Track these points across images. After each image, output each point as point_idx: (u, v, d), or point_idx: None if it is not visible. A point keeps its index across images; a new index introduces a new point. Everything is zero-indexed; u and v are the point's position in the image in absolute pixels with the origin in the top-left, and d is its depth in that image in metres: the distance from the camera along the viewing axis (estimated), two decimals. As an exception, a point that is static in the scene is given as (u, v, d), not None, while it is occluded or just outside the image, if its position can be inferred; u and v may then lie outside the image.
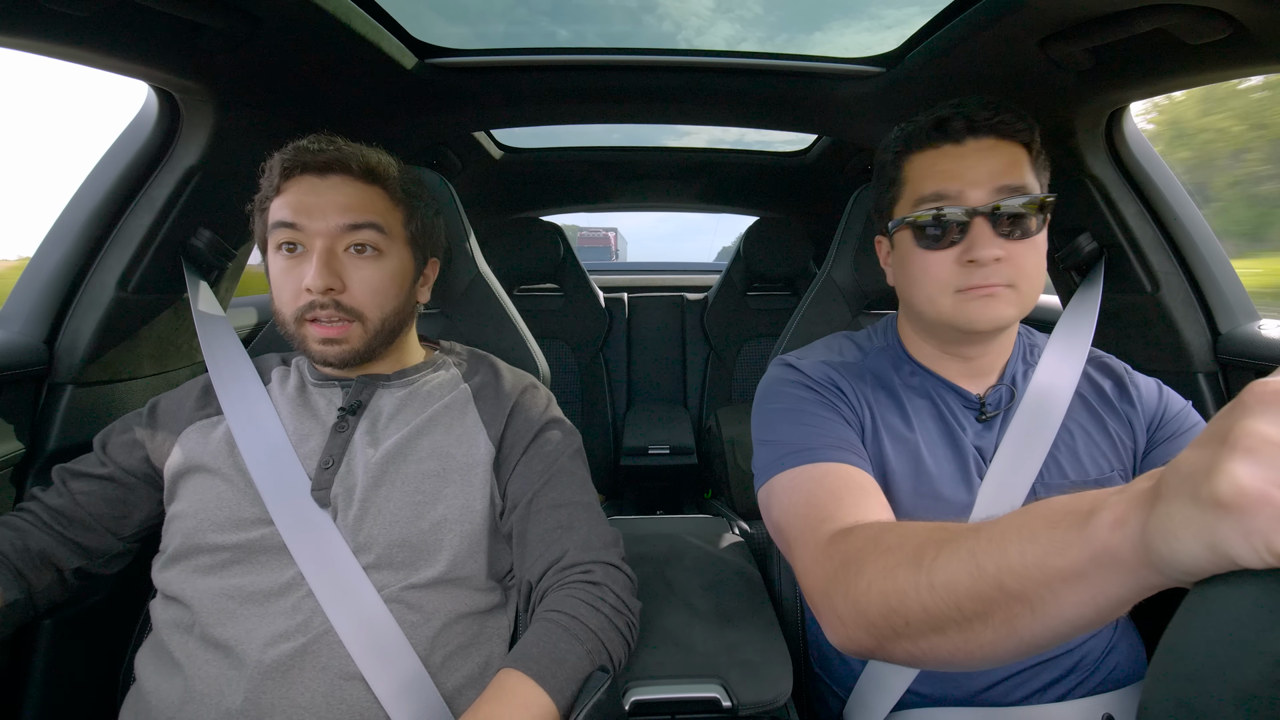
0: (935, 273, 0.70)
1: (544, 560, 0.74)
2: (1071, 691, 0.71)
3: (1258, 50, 0.72)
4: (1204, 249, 1.01)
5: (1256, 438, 0.27)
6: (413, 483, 0.75)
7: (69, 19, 0.67)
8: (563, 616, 0.67)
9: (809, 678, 0.91)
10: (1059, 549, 0.35)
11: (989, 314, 0.68)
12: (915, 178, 0.72)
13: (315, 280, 0.72)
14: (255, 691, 0.63)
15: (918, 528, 0.49)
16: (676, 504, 2.17)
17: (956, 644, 0.42)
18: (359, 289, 0.76)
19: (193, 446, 0.77)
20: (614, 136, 1.98)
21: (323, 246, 0.74)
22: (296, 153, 0.76)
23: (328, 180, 0.76)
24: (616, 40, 1.19)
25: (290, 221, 0.74)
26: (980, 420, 0.76)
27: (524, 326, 1.06)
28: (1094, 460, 0.75)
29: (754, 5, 1.44)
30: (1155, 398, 0.78)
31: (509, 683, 0.62)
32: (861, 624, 0.49)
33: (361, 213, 0.76)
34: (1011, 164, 0.68)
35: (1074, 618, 0.36)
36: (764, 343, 2.19)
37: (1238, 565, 0.27)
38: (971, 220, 0.67)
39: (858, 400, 0.76)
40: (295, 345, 0.78)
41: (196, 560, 0.71)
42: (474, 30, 1.26)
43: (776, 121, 1.44)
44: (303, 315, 0.75)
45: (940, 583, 0.42)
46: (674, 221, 14.98)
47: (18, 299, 0.90)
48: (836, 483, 0.64)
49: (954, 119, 0.69)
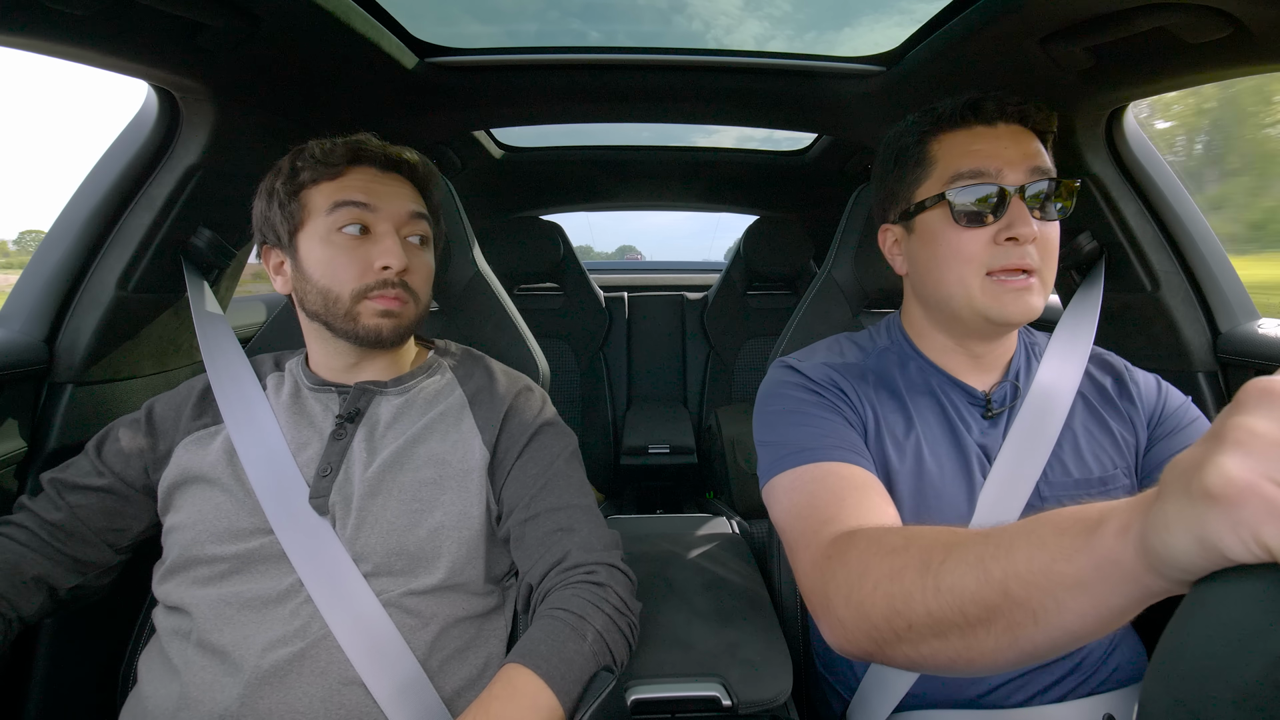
0: (970, 250, 0.69)
1: (545, 562, 0.74)
2: (1072, 692, 0.71)
3: (1258, 50, 0.72)
4: (1204, 248, 1.01)
5: (1246, 431, 0.27)
6: (409, 491, 0.75)
7: (69, 18, 0.67)
8: (569, 615, 0.67)
9: (812, 678, 0.91)
10: (1065, 555, 0.35)
11: (1023, 306, 0.68)
12: (948, 156, 0.71)
13: (397, 259, 0.75)
14: (252, 696, 0.63)
15: (924, 530, 0.49)
16: (676, 503, 2.17)
17: (958, 649, 0.42)
18: (416, 274, 0.80)
19: (190, 458, 0.76)
20: (614, 136, 1.97)
21: (395, 229, 0.77)
22: (360, 143, 0.78)
23: (389, 175, 0.80)
24: (647, 40, 1.20)
25: (364, 202, 0.76)
26: (986, 417, 0.76)
27: (524, 325, 1.06)
28: (1097, 458, 0.75)
29: (783, 3, 1.43)
30: (1154, 394, 0.78)
31: (518, 680, 0.62)
32: (863, 627, 0.49)
33: (420, 204, 0.82)
34: (1039, 150, 0.70)
35: (1075, 628, 0.36)
36: (764, 342, 2.19)
37: (1228, 560, 0.28)
38: (1011, 198, 0.67)
39: (860, 401, 0.75)
40: (338, 322, 0.77)
41: (195, 572, 0.71)
42: (505, 29, 1.26)
43: (776, 120, 1.44)
44: (366, 291, 0.76)
45: (947, 586, 0.42)
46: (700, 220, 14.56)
47: (18, 298, 0.90)
48: (838, 483, 0.64)
49: (986, 100, 0.69)
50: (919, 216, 0.73)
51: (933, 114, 0.73)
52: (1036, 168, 0.68)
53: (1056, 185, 0.69)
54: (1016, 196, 0.67)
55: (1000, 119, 0.69)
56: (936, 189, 0.71)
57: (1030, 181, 0.67)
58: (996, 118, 0.69)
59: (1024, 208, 0.67)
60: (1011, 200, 0.67)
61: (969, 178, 0.68)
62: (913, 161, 0.74)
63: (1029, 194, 0.67)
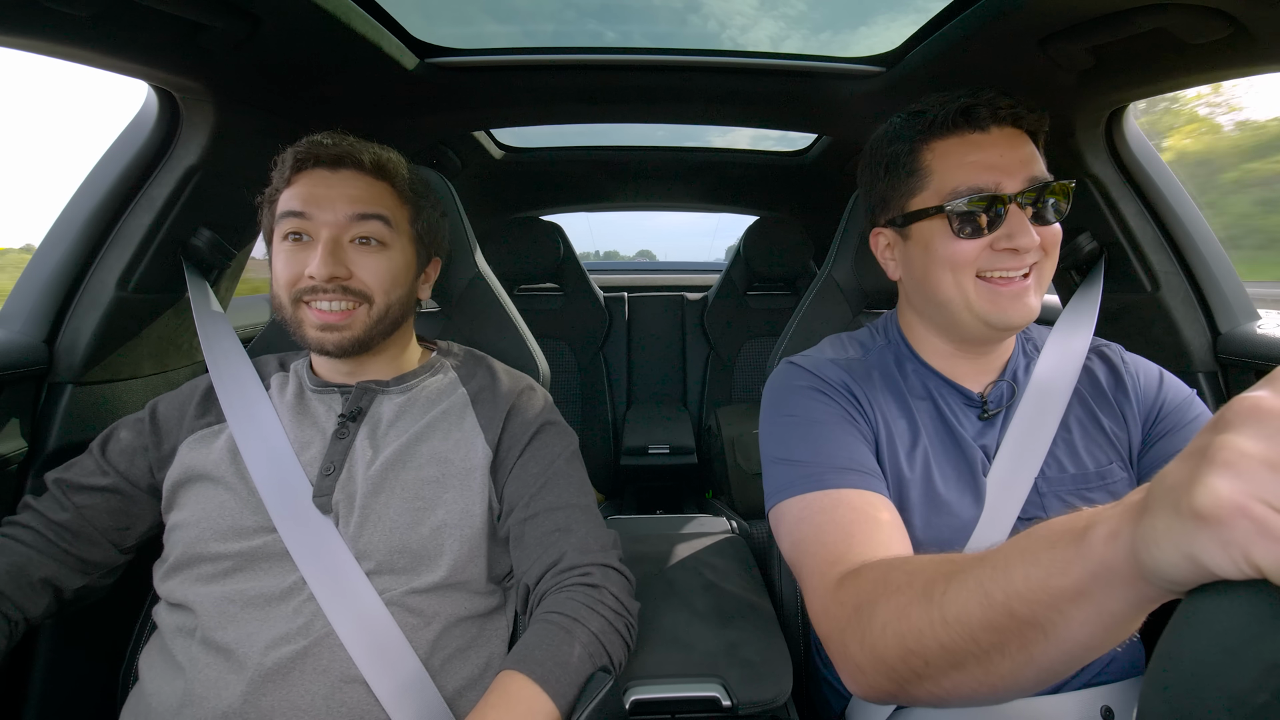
0: (966, 257, 0.69)
1: (541, 563, 0.74)
2: (1069, 684, 0.71)
3: (1258, 50, 0.72)
4: (1204, 249, 1.01)
5: (1235, 451, 0.28)
6: (412, 489, 0.75)
7: (69, 18, 0.67)
8: (563, 619, 0.67)
9: (811, 677, 0.91)
10: (1060, 568, 0.36)
11: (1019, 311, 0.69)
12: (944, 167, 0.70)
13: (319, 268, 0.73)
14: (255, 694, 0.63)
15: (924, 562, 0.49)
16: (676, 504, 2.17)
17: (978, 678, 0.42)
18: (366, 274, 0.77)
19: (195, 456, 0.76)
20: (614, 136, 1.97)
21: (329, 236, 0.75)
22: (309, 146, 0.77)
23: (339, 174, 0.77)
24: (659, 41, 1.19)
25: (299, 211, 0.75)
26: (981, 419, 0.76)
27: (524, 326, 1.06)
28: (1091, 453, 0.75)
29: (798, 2, 1.41)
30: (1154, 388, 0.77)
31: (513, 687, 0.62)
32: (881, 670, 0.48)
33: (369, 204, 0.77)
34: (1033, 153, 0.69)
35: (1085, 639, 0.37)
36: (764, 342, 2.19)
37: (1217, 576, 0.28)
38: (1009, 208, 0.67)
39: (870, 408, 0.75)
40: (291, 331, 0.78)
41: (199, 569, 0.71)
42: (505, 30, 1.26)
43: (776, 121, 1.44)
44: (300, 297, 0.75)
45: (953, 617, 0.42)
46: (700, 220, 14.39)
47: (18, 298, 0.90)
48: (847, 514, 0.63)
49: (978, 106, 0.68)
50: (915, 225, 0.73)
51: (923, 119, 0.71)
52: (1033, 175, 0.68)
53: (1053, 187, 0.68)
54: (1015, 205, 0.67)
55: (993, 123, 0.69)
56: (933, 201, 0.70)
57: (1027, 188, 0.67)
58: (989, 122, 0.69)
59: (1023, 217, 0.67)
60: (1010, 210, 0.67)
61: (968, 193, 0.68)
62: (905, 170, 0.73)
63: (1027, 201, 0.67)
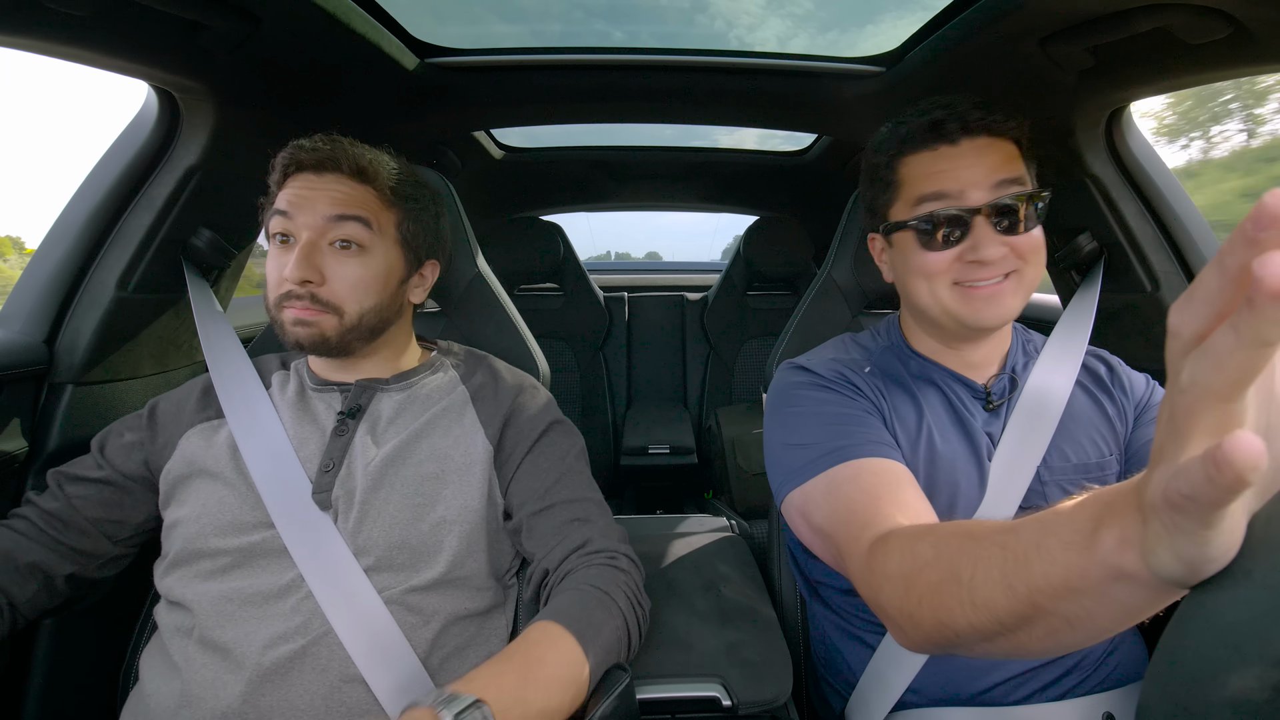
0: (936, 268, 0.71)
1: (565, 547, 0.75)
2: (1072, 690, 0.71)
3: (1258, 50, 0.72)
4: (1204, 249, 1.01)
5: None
6: (412, 485, 0.75)
7: (69, 18, 0.67)
8: (596, 591, 0.68)
9: (811, 676, 0.91)
10: (1078, 573, 0.36)
11: (994, 312, 0.70)
12: (912, 179, 0.72)
13: (292, 271, 0.74)
14: (253, 694, 0.63)
15: (946, 536, 0.50)
16: (676, 504, 2.17)
17: (1011, 646, 0.44)
18: (338, 283, 0.76)
19: (194, 451, 0.77)
20: (614, 136, 1.97)
21: (307, 239, 0.75)
22: (294, 151, 0.78)
23: (323, 177, 0.77)
24: (666, 41, 1.20)
25: (284, 210, 0.76)
26: (987, 409, 0.78)
27: (524, 326, 1.06)
28: (1094, 443, 0.77)
29: (805, 1, 1.41)
30: (1143, 388, 0.81)
31: (552, 630, 0.63)
32: (919, 634, 0.50)
33: (348, 206, 0.77)
34: (1007, 159, 0.70)
35: (1110, 624, 0.37)
36: (764, 342, 2.19)
37: (1207, 573, 0.29)
38: (973, 220, 0.68)
39: (873, 393, 0.77)
40: (276, 330, 0.79)
41: (198, 565, 0.71)
42: (505, 30, 1.26)
43: (776, 121, 1.44)
44: (281, 301, 0.76)
45: (981, 601, 0.43)
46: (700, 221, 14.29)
47: (18, 299, 0.90)
48: (870, 480, 0.64)
49: (948, 121, 0.69)
50: (895, 234, 0.75)
51: (899, 133, 0.73)
52: (1003, 180, 0.68)
53: (1020, 197, 0.68)
54: (980, 217, 0.68)
55: (964, 135, 0.69)
56: (904, 213, 0.73)
57: (994, 199, 0.67)
58: (959, 135, 0.69)
59: (988, 228, 0.68)
60: (975, 222, 0.68)
61: (931, 200, 0.69)
62: (883, 182, 0.75)
63: (994, 211, 0.68)
